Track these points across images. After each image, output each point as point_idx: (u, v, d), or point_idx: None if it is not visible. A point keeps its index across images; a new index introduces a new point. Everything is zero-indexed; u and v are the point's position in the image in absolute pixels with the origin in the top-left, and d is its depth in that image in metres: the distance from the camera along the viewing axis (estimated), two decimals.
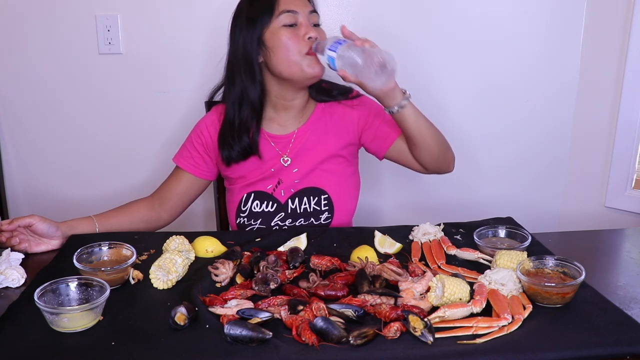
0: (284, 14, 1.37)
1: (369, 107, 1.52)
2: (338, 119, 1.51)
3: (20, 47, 1.91)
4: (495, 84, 2.07)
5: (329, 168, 1.50)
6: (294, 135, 1.49)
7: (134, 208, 1.49)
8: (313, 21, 1.41)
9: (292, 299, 1.01)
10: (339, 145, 1.50)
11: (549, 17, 2.02)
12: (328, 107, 1.52)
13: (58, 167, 2.04)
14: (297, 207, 1.48)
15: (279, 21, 1.37)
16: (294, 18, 1.37)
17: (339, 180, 1.51)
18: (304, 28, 1.38)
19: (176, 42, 1.92)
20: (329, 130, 1.50)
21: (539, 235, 1.33)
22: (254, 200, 1.49)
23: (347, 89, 1.53)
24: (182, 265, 1.14)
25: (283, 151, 1.49)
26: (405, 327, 0.92)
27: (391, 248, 1.26)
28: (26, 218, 1.30)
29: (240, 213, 1.50)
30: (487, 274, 1.07)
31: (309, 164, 1.49)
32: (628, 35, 1.94)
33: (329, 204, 1.48)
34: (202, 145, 1.50)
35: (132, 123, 2.01)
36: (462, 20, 1.99)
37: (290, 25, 1.37)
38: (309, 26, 1.38)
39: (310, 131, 1.49)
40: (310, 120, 1.50)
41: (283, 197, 1.49)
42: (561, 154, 2.17)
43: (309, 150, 1.49)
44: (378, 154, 1.53)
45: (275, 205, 1.48)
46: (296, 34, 1.37)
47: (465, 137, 2.10)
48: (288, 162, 1.48)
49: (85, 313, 0.94)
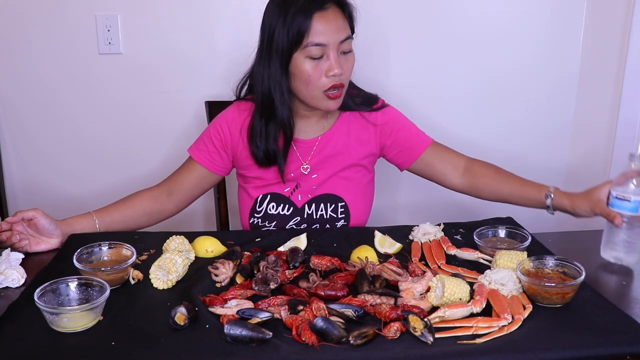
0: (311, 46, 1.29)
1: (393, 119, 1.50)
2: (361, 129, 1.49)
3: (20, 47, 1.91)
4: (495, 84, 2.06)
5: (348, 176, 1.49)
6: (317, 141, 1.47)
7: (135, 201, 1.45)
8: (343, 49, 1.33)
9: (292, 299, 1.01)
10: (360, 155, 1.49)
11: (549, 17, 2.01)
12: (352, 116, 1.49)
13: (58, 166, 2.03)
14: (313, 212, 1.47)
15: (305, 52, 1.30)
16: (322, 51, 1.30)
17: (357, 188, 1.50)
18: (329, 63, 1.31)
19: (176, 42, 1.92)
20: (351, 139, 1.49)
21: (539, 235, 1.33)
22: (270, 202, 1.47)
23: (372, 99, 1.50)
24: (182, 265, 1.14)
25: (304, 158, 1.47)
26: (405, 327, 0.92)
27: (391, 248, 1.26)
28: (30, 211, 1.30)
29: (255, 213, 1.48)
30: (487, 274, 1.07)
31: (329, 171, 1.47)
32: (628, 35, 1.94)
33: (345, 211, 1.47)
34: (220, 141, 1.47)
35: (132, 123, 2.01)
36: (462, 20, 1.99)
37: (316, 58, 1.31)
38: (336, 60, 1.31)
39: (334, 139, 1.48)
40: (334, 127, 1.48)
41: (300, 202, 1.47)
42: (561, 153, 2.17)
43: (331, 157, 1.47)
44: (402, 166, 1.53)
45: (291, 209, 1.47)
46: (320, 69, 1.31)
47: (465, 136, 2.10)
48: (308, 170, 1.47)
49: (85, 313, 0.94)
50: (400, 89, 2.03)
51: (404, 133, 1.50)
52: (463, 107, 2.08)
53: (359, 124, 1.49)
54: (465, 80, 2.05)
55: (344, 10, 1.34)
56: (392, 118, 1.50)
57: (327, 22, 1.29)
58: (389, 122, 1.50)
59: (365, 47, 1.98)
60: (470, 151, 2.10)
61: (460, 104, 2.07)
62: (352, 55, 1.37)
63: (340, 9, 1.33)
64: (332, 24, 1.30)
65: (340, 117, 1.49)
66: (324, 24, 1.29)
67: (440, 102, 2.06)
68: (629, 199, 1.16)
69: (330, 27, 1.30)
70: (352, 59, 1.37)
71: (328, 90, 1.33)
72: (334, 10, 1.31)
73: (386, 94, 2.01)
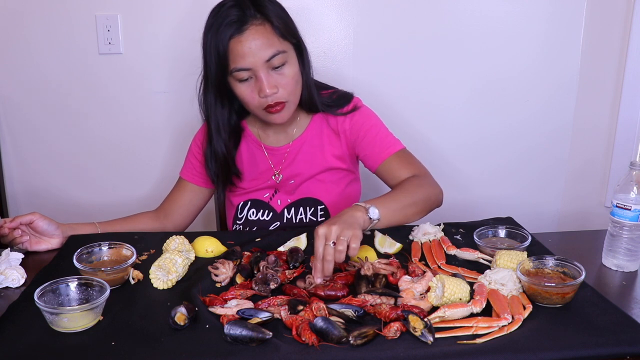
0: (236, 71, 1.28)
1: (363, 120, 1.46)
2: (332, 132, 1.47)
3: (21, 47, 1.91)
4: (495, 84, 2.07)
5: (325, 178, 1.48)
6: (287, 148, 1.47)
7: (139, 218, 1.49)
8: (274, 65, 1.28)
9: (292, 299, 1.01)
10: (335, 156, 1.48)
11: (548, 17, 2.01)
12: (324, 119, 1.47)
13: (58, 166, 2.03)
14: (292, 217, 1.47)
15: (234, 76, 1.29)
16: (249, 73, 1.28)
17: (337, 190, 1.49)
18: (259, 84, 1.28)
19: (176, 42, 1.92)
20: (323, 142, 1.47)
21: (539, 235, 1.33)
22: (250, 208, 1.49)
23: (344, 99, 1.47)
24: (182, 265, 1.14)
25: (276, 166, 1.48)
26: (405, 327, 0.92)
27: (391, 248, 1.26)
28: (28, 215, 1.31)
29: (237, 220, 1.50)
30: (487, 274, 1.07)
31: (305, 175, 1.47)
32: (628, 35, 1.95)
33: (325, 214, 1.47)
34: (202, 154, 1.49)
35: (132, 123, 2.01)
36: (462, 21, 1.99)
37: (246, 80, 1.29)
38: (265, 80, 1.27)
39: (306, 144, 1.47)
40: (305, 132, 1.47)
41: (279, 207, 1.48)
42: (561, 154, 2.17)
43: (304, 162, 1.47)
44: (371, 169, 1.49)
45: (271, 214, 1.48)
46: (252, 90, 1.30)
47: (465, 137, 2.11)
48: (281, 178, 1.47)
49: (85, 313, 0.94)
50: (400, 91, 2.03)
51: (371, 136, 1.45)
52: (463, 109, 2.08)
53: (331, 127, 1.47)
54: (465, 81, 2.05)
55: (272, 24, 1.28)
56: (361, 120, 1.45)
57: (246, 45, 1.25)
58: (356, 125, 1.45)
59: (365, 51, 1.99)
60: (470, 151, 2.12)
61: (460, 105, 2.07)
62: (289, 67, 1.31)
63: (264, 25, 1.27)
64: (252, 44, 1.25)
65: (312, 121, 1.47)
66: (242, 47, 1.25)
67: (440, 103, 2.06)
68: (629, 208, 1.16)
69: (250, 50, 1.25)
70: (290, 72, 1.31)
71: (266, 108, 1.32)
72: (254, 30, 1.25)
73: (386, 96, 2.03)
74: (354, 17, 1.96)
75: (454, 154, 2.11)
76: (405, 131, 1.61)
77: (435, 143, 2.09)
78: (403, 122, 2.00)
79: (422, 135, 2.06)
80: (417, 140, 1.82)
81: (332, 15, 1.95)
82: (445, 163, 2.11)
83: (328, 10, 1.95)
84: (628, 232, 1.18)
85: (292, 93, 1.34)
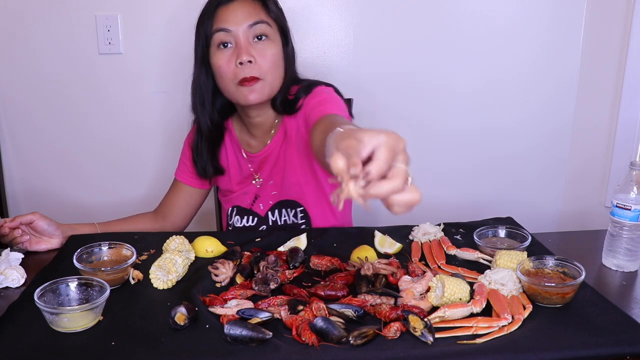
0: (216, 32, 1.26)
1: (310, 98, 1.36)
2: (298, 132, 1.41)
3: (21, 47, 1.91)
4: (495, 84, 2.07)
5: (303, 180, 1.44)
6: (264, 154, 1.46)
7: (138, 219, 1.50)
8: (256, 33, 1.27)
9: (292, 299, 1.01)
10: (306, 157, 1.42)
11: (549, 18, 2.02)
12: (292, 120, 1.41)
13: (58, 166, 2.03)
14: (277, 219, 1.47)
15: (214, 41, 1.27)
16: (228, 36, 1.26)
17: (316, 191, 1.44)
18: (237, 49, 1.26)
19: (176, 42, 1.92)
20: (292, 144, 1.43)
21: (539, 235, 1.33)
22: (235, 214, 1.50)
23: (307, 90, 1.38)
24: (182, 265, 1.14)
25: (256, 171, 1.47)
26: (405, 327, 0.92)
27: (391, 248, 1.26)
28: (28, 215, 1.31)
29: (228, 226, 1.52)
30: (487, 274, 1.07)
31: (282, 178, 1.45)
32: (628, 35, 1.95)
33: (305, 216, 1.45)
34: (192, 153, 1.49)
35: (132, 123, 2.01)
36: (462, 21, 1.99)
37: (224, 45, 1.27)
38: (244, 45, 1.25)
39: (278, 147, 1.44)
40: (276, 137, 1.44)
41: (262, 210, 1.48)
42: (561, 154, 2.17)
43: (279, 166, 1.45)
44: None
45: (255, 220, 1.48)
46: (229, 59, 1.27)
47: (465, 136, 2.10)
48: (260, 183, 1.47)
49: (85, 313, 0.94)
50: (400, 91, 2.03)
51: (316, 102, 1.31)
52: (463, 109, 2.08)
53: (297, 127, 1.41)
54: (465, 81, 2.05)
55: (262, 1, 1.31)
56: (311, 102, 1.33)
57: (232, 10, 1.27)
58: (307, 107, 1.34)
59: (365, 51, 1.99)
60: (470, 151, 2.12)
61: (460, 104, 2.07)
62: (272, 44, 1.30)
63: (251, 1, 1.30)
64: (237, 10, 1.27)
65: (282, 124, 1.43)
66: (227, 11, 1.28)
67: (440, 103, 2.06)
68: (629, 208, 1.16)
69: (235, 13, 1.27)
70: (270, 48, 1.29)
71: (240, 82, 1.29)
72: (241, 2, 1.29)
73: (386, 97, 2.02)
74: (354, 17, 1.96)
75: (454, 153, 2.11)
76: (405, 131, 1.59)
77: (435, 143, 2.09)
78: (403, 122, 2.00)
79: (422, 135, 2.06)
80: (417, 140, 1.82)
81: (332, 15, 1.95)
82: (445, 163, 2.11)
83: (328, 10, 1.95)
84: (628, 232, 1.18)
85: (268, 72, 1.30)
